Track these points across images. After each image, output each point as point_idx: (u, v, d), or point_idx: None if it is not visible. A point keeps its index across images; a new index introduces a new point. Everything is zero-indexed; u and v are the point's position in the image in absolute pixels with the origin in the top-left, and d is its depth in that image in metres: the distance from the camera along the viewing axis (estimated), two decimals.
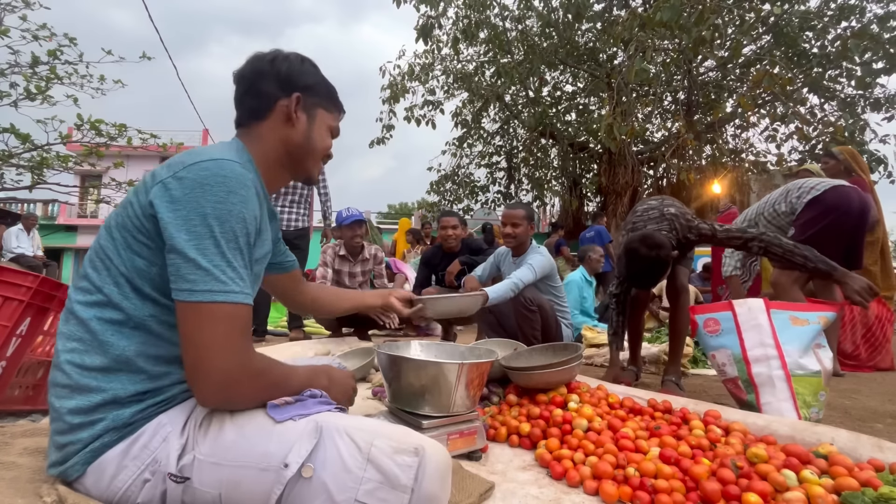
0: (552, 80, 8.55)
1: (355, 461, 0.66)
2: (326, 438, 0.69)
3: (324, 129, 0.95)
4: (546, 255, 2.57)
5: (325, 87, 0.96)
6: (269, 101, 0.89)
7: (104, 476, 0.70)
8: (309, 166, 0.95)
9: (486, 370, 1.22)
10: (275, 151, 0.90)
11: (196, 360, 0.69)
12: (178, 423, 0.74)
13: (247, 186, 0.75)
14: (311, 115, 0.92)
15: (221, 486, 0.69)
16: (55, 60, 6.03)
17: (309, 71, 0.93)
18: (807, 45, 6.01)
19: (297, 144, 0.92)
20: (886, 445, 1.19)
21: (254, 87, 0.89)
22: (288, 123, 0.90)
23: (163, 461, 0.70)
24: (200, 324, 0.68)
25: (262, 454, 0.68)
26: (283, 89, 0.89)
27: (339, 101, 1.00)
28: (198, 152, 0.77)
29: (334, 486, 0.65)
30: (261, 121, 0.90)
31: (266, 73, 0.89)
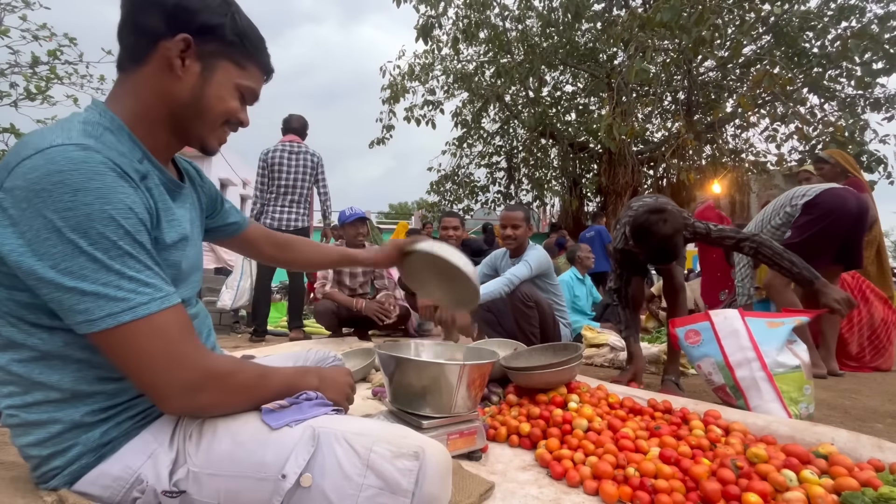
0: (552, 80, 8.56)
1: (354, 468, 0.65)
2: (324, 445, 0.67)
3: (227, 88, 0.73)
4: (542, 250, 2.58)
5: (238, 31, 0.72)
6: (149, 41, 0.68)
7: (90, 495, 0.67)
8: (200, 132, 0.75)
9: (487, 371, 1.22)
10: (153, 108, 0.70)
11: (142, 383, 0.62)
12: (163, 438, 0.70)
13: (98, 173, 0.58)
14: (208, 65, 0.70)
15: (220, 496, 0.67)
16: (55, 60, 6.03)
17: (214, 7, 0.69)
18: (807, 45, 6.01)
19: (181, 103, 0.71)
20: (886, 445, 1.19)
21: (134, 18, 0.68)
22: (170, 73, 0.68)
23: (150, 479, 0.66)
24: (124, 350, 0.60)
25: (258, 464, 0.66)
26: (170, 27, 0.67)
27: (259, 52, 0.76)
28: (25, 142, 0.59)
29: (334, 494, 0.63)
30: (138, 65, 0.69)
31: (151, 2, 0.67)
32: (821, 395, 2.09)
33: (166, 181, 0.75)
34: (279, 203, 3.52)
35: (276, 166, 3.54)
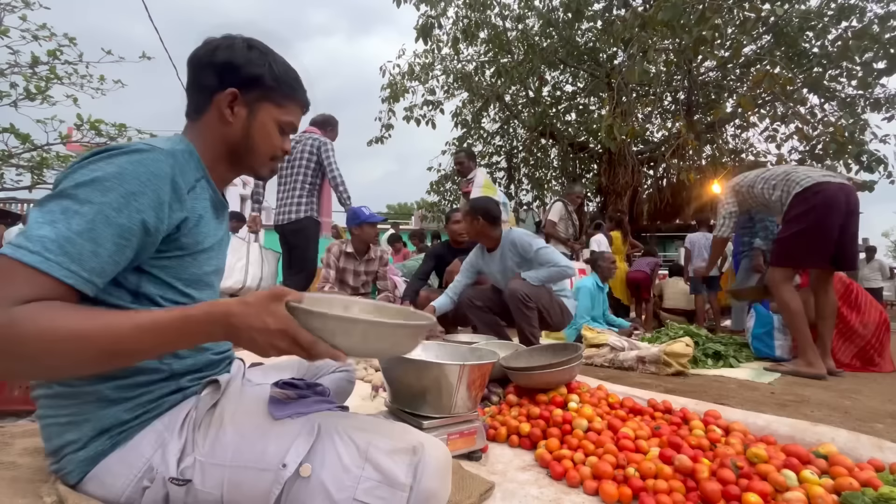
0: (552, 80, 8.55)
1: (353, 460, 0.66)
2: (325, 438, 0.69)
3: (269, 126, 0.85)
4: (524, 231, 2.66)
5: (276, 77, 0.84)
6: (207, 95, 0.81)
7: (103, 485, 0.70)
8: (252, 164, 0.87)
9: (487, 371, 1.22)
10: (214, 146, 0.83)
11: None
12: (174, 427, 0.73)
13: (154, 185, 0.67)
14: (252, 110, 0.83)
15: (223, 486, 0.69)
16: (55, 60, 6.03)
17: (254, 60, 0.82)
18: (807, 45, 6.00)
19: (235, 142, 0.84)
20: (886, 445, 1.19)
21: (196, 79, 0.83)
22: (223, 120, 0.82)
23: (160, 468, 0.69)
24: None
25: (260, 454, 0.69)
26: (222, 82, 0.80)
27: (295, 91, 0.88)
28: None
29: (332, 486, 0.65)
30: (200, 116, 0.83)
31: (206, 64, 0.81)
32: (821, 395, 2.10)
33: (216, 200, 0.85)
34: (277, 196, 3.36)
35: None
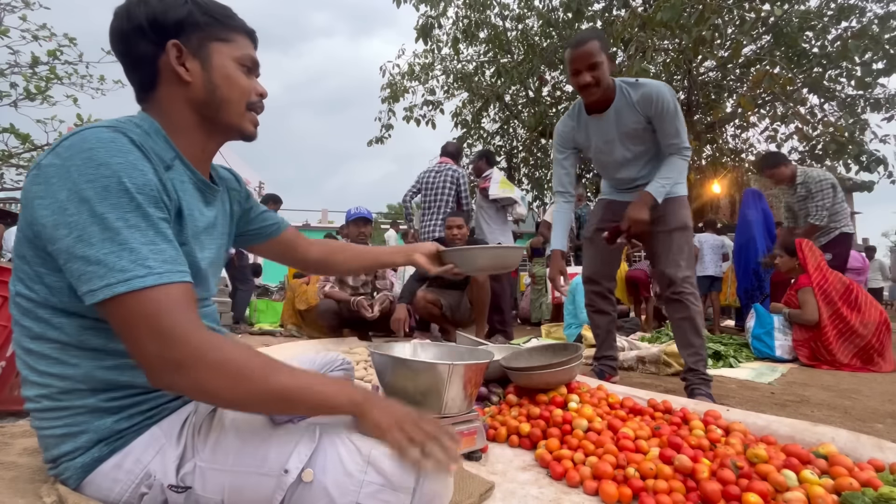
0: (552, 80, 8.55)
1: (356, 464, 0.65)
2: (327, 443, 0.68)
3: (229, 67, 0.75)
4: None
5: (206, 11, 0.73)
6: (149, 65, 0.71)
7: (100, 490, 0.69)
8: (232, 120, 0.77)
9: (480, 371, 1.21)
10: (182, 118, 0.74)
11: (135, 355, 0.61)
12: (172, 433, 0.72)
13: (122, 151, 0.62)
14: (202, 57, 0.73)
15: (224, 492, 0.68)
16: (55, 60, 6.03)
17: (173, 2, 0.71)
18: (807, 45, 5.99)
19: (201, 101, 0.74)
20: (886, 445, 1.19)
21: (128, 54, 0.72)
22: (179, 81, 0.72)
23: (158, 474, 0.68)
24: (119, 321, 0.60)
25: (262, 459, 0.68)
26: (156, 42, 0.70)
27: (234, 20, 0.77)
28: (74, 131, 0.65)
29: (335, 490, 0.64)
30: (153, 90, 0.73)
31: (129, 32, 0.70)
32: (821, 395, 2.10)
33: (196, 181, 0.77)
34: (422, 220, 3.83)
35: (426, 184, 4.04)
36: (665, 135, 1.81)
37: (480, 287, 3.25)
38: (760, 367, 2.78)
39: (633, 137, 1.86)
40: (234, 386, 0.62)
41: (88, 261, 0.58)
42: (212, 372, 0.61)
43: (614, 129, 1.86)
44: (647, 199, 1.79)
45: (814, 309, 2.90)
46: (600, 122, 1.87)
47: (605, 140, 1.90)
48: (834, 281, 2.98)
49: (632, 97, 1.79)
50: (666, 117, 1.77)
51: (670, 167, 1.82)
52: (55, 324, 0.67)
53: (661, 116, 1.77)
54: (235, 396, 0.63)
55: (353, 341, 3.26)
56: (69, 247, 0.59)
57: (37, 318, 0.67)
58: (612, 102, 1.82)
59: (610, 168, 2.02)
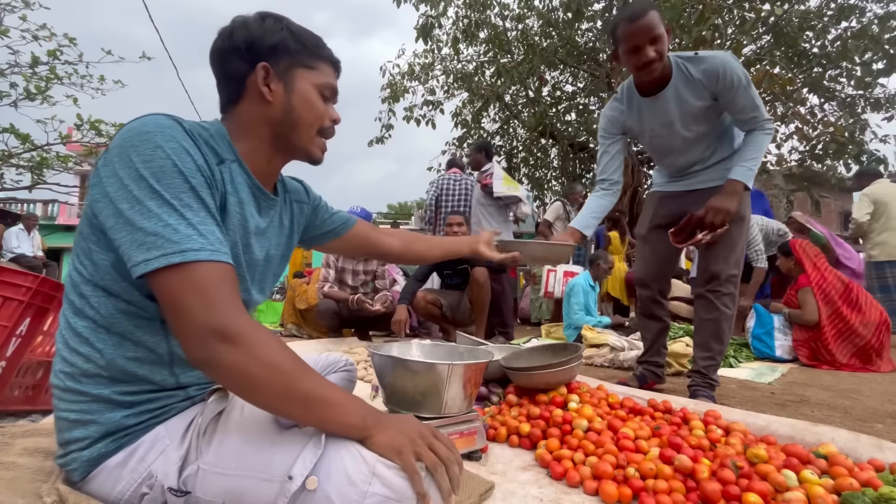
0: (552, 80, 8.54)
1: (361, 474, 0.64)
2: (332, 450, 0.67)
3: (309, 93, 0.80)
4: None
5: (298, 38, 0.80)
6: (238, 82, 0.78)
7: (104, 486, 0.70)
8: (301, 143, 0.83)
9: (480, 371, 1.21)
10: (257, 132, 0.80)
11: (176, 326, 0.62)
12: (176, 435, 0.72)
13: (176, 138, 0.67)
14: (287, 81, 0.79)
15: (225, 496, 0.68)
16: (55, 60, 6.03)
17: (271, 29, 0.78)
18: (807, 45, 6.00)
19: (278, 121, 0.79)
20: (886, 445, 1.19)
21: (222, 70, 0.79)
22: (262, 100, 0.78)
23: (160, 475, 0.69)
24: (168, 290, 0.61)
25: (266, 464, 0.67)
26: (248, 62, 0.77)
27: (322, 50, 0.83)
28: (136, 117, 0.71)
29: (338, 499, 0.63)
30: (237, 104, 0.80)
31: (227, 51, 0.78)
32: (821, 395, 2.10)
33: (253, 186, 0.81)
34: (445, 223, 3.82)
35: (445, 190, 4.33)
36: (740, 109, 1.61)
37: (480, 287, 3.25)
38: (760, 367, 2.78)
39: (696, 118, 1.68)
40: (265, 374, 0.62)
41: (146, 232, 0.61)
42: (249, 354, 0.62)
43: (675, 109, 1.68)
44: (738, 188, 1.61)
45: (813, 309, 2.90)
46: (656, 104, 1.70)
47: (662, 123, 1.73)
48: (833, 280, 2.98)
49: (692, 73, 1.62)
50: (739, 91, 1.58)
51: (755, 146, 1.62)
52: (93, 302, 0.70)
53: (733, 91, 1.58)
54: (262, 384, 0.63)
55: (353, 341, 3.26)
56: (128, 219, 0.62)
57: (80, 293, 0.71)
58: (670, 81, 1.65)
59: (667, 153, 1.83)
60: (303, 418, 0.67)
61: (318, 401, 0.66)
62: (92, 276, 0.70)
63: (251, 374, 0.62)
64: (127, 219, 0.62)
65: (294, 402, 0.64)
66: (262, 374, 0.62)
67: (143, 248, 0.61)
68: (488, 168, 4.31)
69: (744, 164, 1.63)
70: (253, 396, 0.65)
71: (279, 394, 0.63)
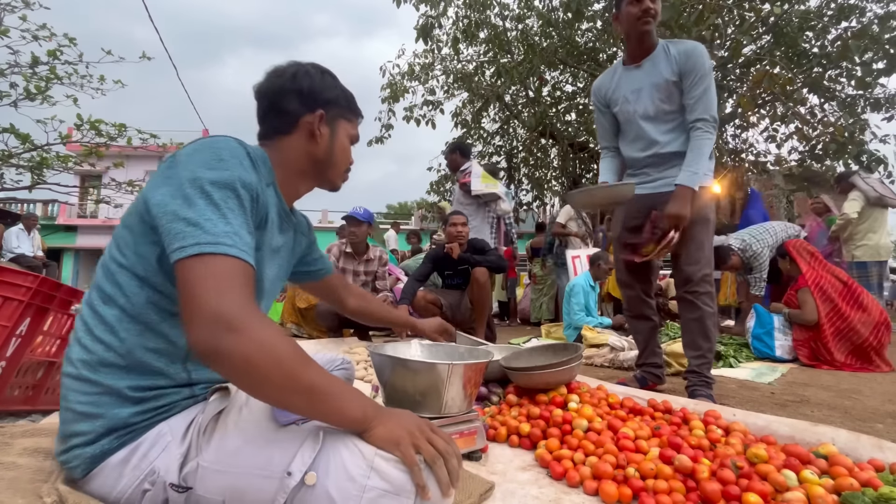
0: (552, 80, 8.54)
1: (359, 469, 0.65)
2: (330, 446, 0.68)
3: (345, 140, 0.98)
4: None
5: (345, 96, 0.98)
6: (292, 118, 0.92)
7: (105, 484, 0.71)
8: (332, 177, 0.98)
9: (480, 371, 1.21)
10: (297, 164, 0.93)
11: (187, 310, 0.63)
12: (178, 432, 0.73)
13: (240, 157, 0.76)
14: (333, 127, 0.95)
15: (225, 493, 0.68)
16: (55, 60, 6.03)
17: (329, 84, 0.95)
18: (807, 45, 6.00)
19: (321, 159, 0.94)
20: (886, 445, 1.19)
21: (276, 105, 0.92)
22: (311, 139, 0.93)
23: (162, 471, 0.70)
24: (192, 275, 0.64)
25: (265, 461, 0.68)
26: (307, 105, 0.91)
27: (357, 107, 1.01)
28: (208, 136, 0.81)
29: (337, 494, 0.64)
30: (284, 136, 0.92)
31: (288, 91, 0.91)
32: (821, 395, 2.10)
33: (280, 208, 0.91)
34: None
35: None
36: (692, 96, 1.75)
37: (481, 287, 3.25)
38: (760, 367, 2.78)
39: (661, 91, 1.82)
40: (270, 364, 0.63)
41: (188, 222, 0.67)
42: (255, 343, 0.62)
43: (647, 78, 1.84)
44: (685, 192, 1.71)
45: (813, 309, 2.90)
46: (634, 72, 1.89)
47: (633, 89, 1.88)
48: (830, 278, 2.98)
49: (671, 50, 1.81)
50: (698, 76, 1.73)
51: (696, 149, 1.74)
52: (127, 290, 0.74)
53: (693, 74, 1.73)
54: (266, 375, 0.63)
55: (353, 341, 3.26)
56: (176, 210, 0.68)
57: (115, 282, 0.75)
58: (651, 54, 1.85)
59: (632, 125, 1.92)
60: (305, 410, 0.67)
61: (321, 392, 0.66)
62: (132, 266, 0.74)
63: (255, 362, 0.62)
64: (175, 210, 0.68)
65: (297, 393, 0.65)
66: (266, 361, 0.62)
67: (181, 237, 0.66)
68: (467, 167, 4.20)
69: (687, 169, 1.74)
70: (257, 387, 0.64)
71: (282, 385, 0.63)
